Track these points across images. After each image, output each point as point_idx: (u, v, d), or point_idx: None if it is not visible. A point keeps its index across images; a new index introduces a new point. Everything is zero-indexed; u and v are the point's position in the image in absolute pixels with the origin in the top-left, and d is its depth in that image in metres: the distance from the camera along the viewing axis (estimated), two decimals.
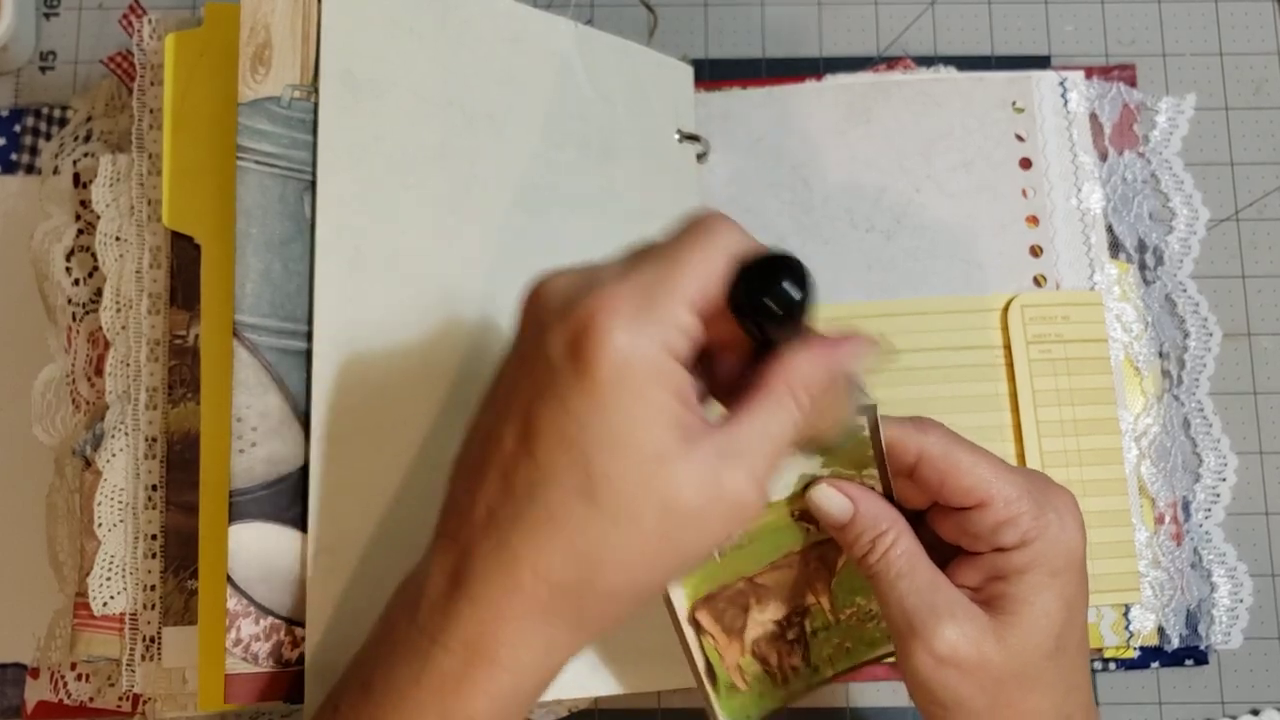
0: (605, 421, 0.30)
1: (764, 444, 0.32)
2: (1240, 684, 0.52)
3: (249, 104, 0.42)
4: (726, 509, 0.31)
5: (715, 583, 0.40)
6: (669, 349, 0.31)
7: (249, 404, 0.40)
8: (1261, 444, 0.54)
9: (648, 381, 0.30)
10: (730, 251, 0.32)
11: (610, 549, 0.31)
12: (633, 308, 0.30)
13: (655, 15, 0.56)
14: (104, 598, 0.43)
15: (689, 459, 0.31)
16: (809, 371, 0.33)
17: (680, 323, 0.31)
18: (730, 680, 0.40)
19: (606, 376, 0.30)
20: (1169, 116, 0.56)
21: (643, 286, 0.31)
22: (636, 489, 0.30)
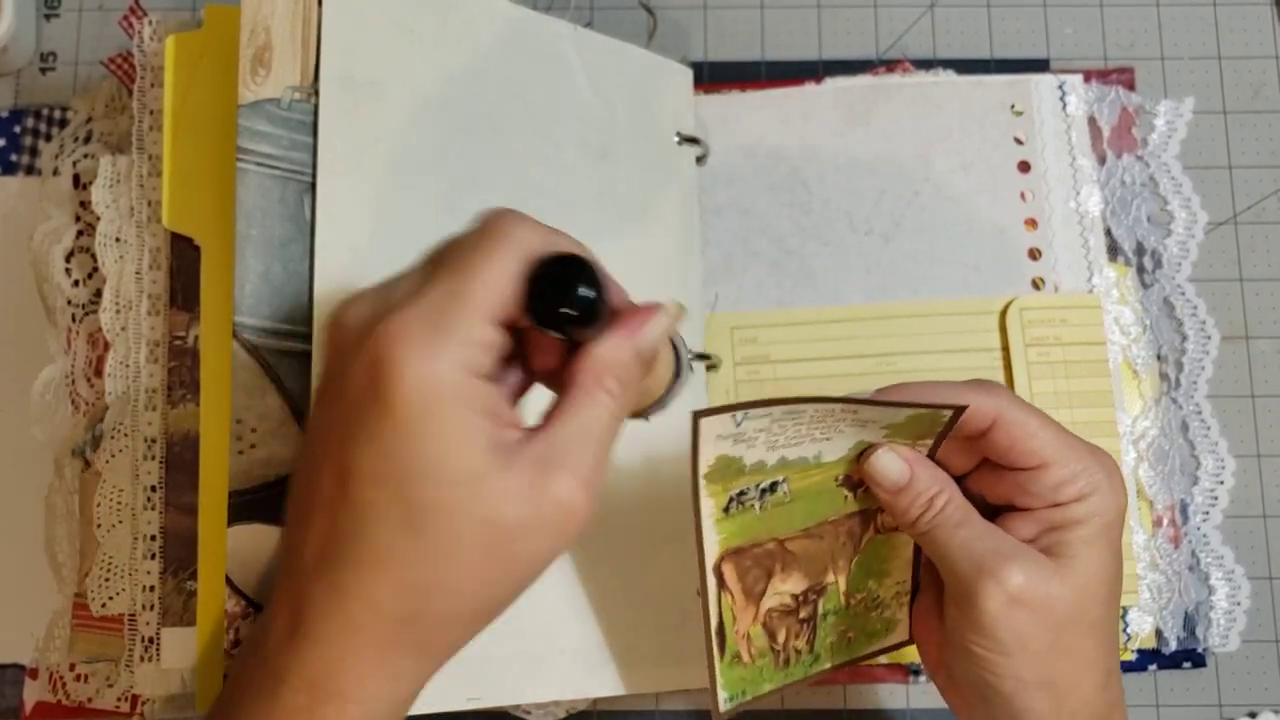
0: (414, 452, 0.30)
1: (584, 443, 0.32)
2: (1238, 686, 0.52)
3: (249, 105, 0.42)
4: (555, 517, 0.31)
5: (749, 537, 0.40)
6: (468, 368, 0.30)
7: (248, 405, 0.40)
8: (1259, 447, 0.54)
9: (450, 405, 0.30)
10: (522, 251, 0.32)
11: (440, 577, 0.31)
12: (425, 332, 0.30)
13: (655, 18, 0.57)
14: (103, 598, 0.43)
15: (506, 474, 0.30)
16: (613, 359, 0.33)
17: (477, 338, 0.31)
18: (737, 649, 0.40)
19: (407, 407, 0.30)
20: (1167, 120, 0.56)
21: (433, 307, 0.31)
22: (456, 514, 0.30)
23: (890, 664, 0.50)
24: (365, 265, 0.42)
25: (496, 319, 0.31)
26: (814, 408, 0.37)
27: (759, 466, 0.38)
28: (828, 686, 0.52)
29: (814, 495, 0.40)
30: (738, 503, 0.39)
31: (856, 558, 0.42)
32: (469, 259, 0.31)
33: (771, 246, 0.54)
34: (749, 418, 0.36)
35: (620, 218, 0.50)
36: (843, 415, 0.38)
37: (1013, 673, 0.37)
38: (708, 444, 0.37)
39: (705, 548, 0.39)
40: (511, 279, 0.31)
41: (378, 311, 0.31)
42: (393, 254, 0.43)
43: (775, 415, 0.37)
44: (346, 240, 0.42)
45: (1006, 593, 0.36)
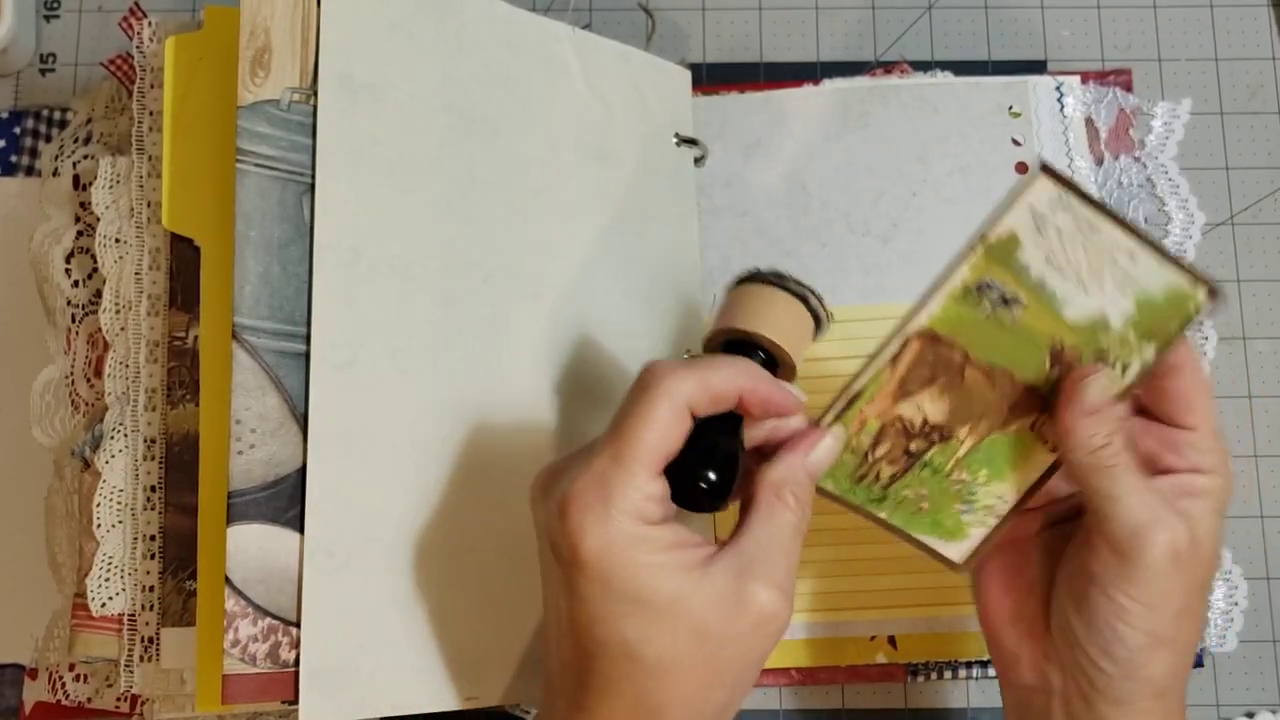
0: (612, 596, 0.34)
1: (772, 551, 0.36)
2: (1235, 686, 0.52)
3: (248, 107, 0.42)
4: (757, 621, 0.35)
5: (952, 332, 0.38)
6: (641, 518, 0.34)
7: (248, 406, 0.40)
8: (1256, 448, 0.54)
9: (633, 553, 0.34)
10: (676, 403, 0.35)
11: (665, 693, 0.34)
12: (597, 500, 0.34)
13: (653, 20, 0.57)
14: (102, 598, 0.43)
15: (704, 588, 0.34)
16: (789, 478, 0.37)
17: (644, 492, 0.35)
18: (849, 424, 0.39)
19: (596, 566, 0.34)
20: (1165, 121, 0.56)
21: (601, 475, 0.35)
22: (667, 635, 0.34)
23: (889, 663, 0.51)
24: (364, 266, 0.42)
25: (659, 471, 0.35)
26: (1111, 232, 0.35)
27: (1022, 272, 0.37)
28: (826, 686, 0.52)
29: (1026, 338, 0.38)
30: (978, 293, 0.37)
31: (995, 435, 0.40)
32: (627, 422, 0.35)
33: (770, 247, 0.54)
34: (1068, 208, 0.35)
35: (619, 219, 0.50)
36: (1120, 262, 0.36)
37: (1149, 627, 0.37)
38: (1020, 209, 0.35)
39: (917, 313, 0.38)
40: (667, 433, 0.35)
41: (556, 475, 0.37)
42: (391, 255, 0.43)
43: (1082, 222, 0.35)
44: (345, 241, 0.42)
45: (1174, 548, 0.36)
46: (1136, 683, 0.38)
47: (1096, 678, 0.38)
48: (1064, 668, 0.39)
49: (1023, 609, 0.41)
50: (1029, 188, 0.36)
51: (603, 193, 0.50)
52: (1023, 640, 0.41)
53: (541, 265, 0.47)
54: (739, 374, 0.37)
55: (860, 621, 0.51)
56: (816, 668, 0.51)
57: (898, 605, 0.50)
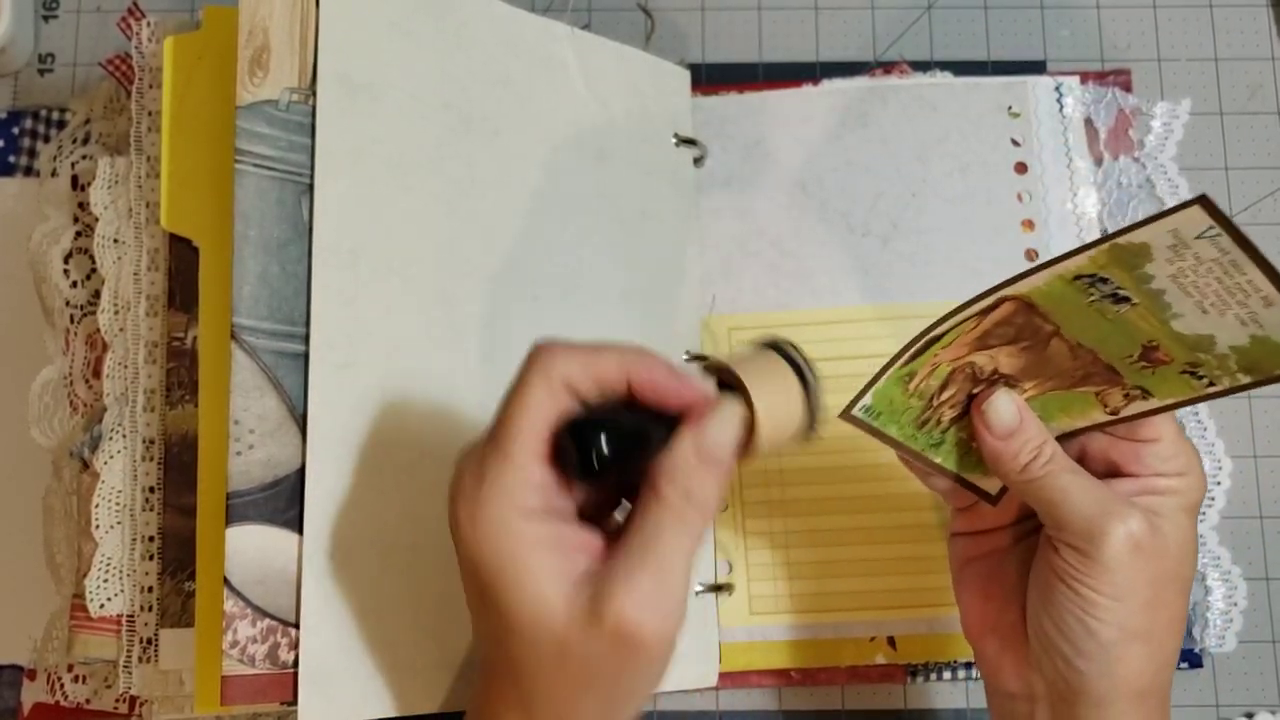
0: (484, 590, 0.33)
1: (649, 561, 0.32)
2: (1234, 687, 0.52)
3: (247, 107, 0.42)
4: (619, 644, 0.32)
5: (1056, 308, 0.37)
6: (517, 508, 0.33)
7: (246, 406, 0.40)
8: (1256, 448, 0.54)
9: (506, 546, 0.32)
10: (556, 383, 0.33)
11: (538, 694, 0.33)
12: (471, 484, 0.33)
13: (652, 20, 0.57)
14: (101, 599, 0.43)
15: (567, 602, 0.32)
16: (672, 465, 0.33)
17: (519, 476, 0.33)
18: (915, 371, 0.38)
19: (470, 555, 0.33)
20: (1164, 121, 0.56)
21: (478, 459, 0.33)
22: (526, 640, 0.33)
23: (888, 664, 0.51)
24: (363, 266, 0.42)
25: (541, 456, 0.33)
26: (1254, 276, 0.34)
27: (1144, 279, 0.36)
28: (826, 687, 0.52)
29: (1124, 330, 0.37)
30: (1088, 282, 0.36)
31: (1058, 390, 0.40)
32: (507, 406, 0.34)
33: (769, 248, 0.54)
34: (1216, 242, 0.34)
35: (618, 219, 0.50)
36: (1251, 303, 0.35)
37: (1118, 620, 0.37)
38: (1161, 228, 0.34)
39: (1021, 280, 0.37)
40: (542, 414, 0.33)
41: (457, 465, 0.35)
42: (390, 255, 0.43)
43: (1226, 258, 0.34)
44: (344, 241, 0.42)
45: (1131, 536, 0.37)
46: (1114, 680, 0.38)
47: (1073, 678, 0.38)
48: (1044, 673, 0.39)
49: (1001, 618, 0.41)
50: (1178, 213, 0.34)
51: (602, 193, 0.50)
52: (1004, 649, 0.41)
53: (540, 265, 0.47)
54: (628, 356, 0.34)
55: (859, 622, 0.51)
56: (816, 668, 0.51)
57: (897, 606, 0.50)
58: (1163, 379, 0.38)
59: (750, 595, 0.51)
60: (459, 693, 0.42)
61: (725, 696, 0.52)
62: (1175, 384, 0.38)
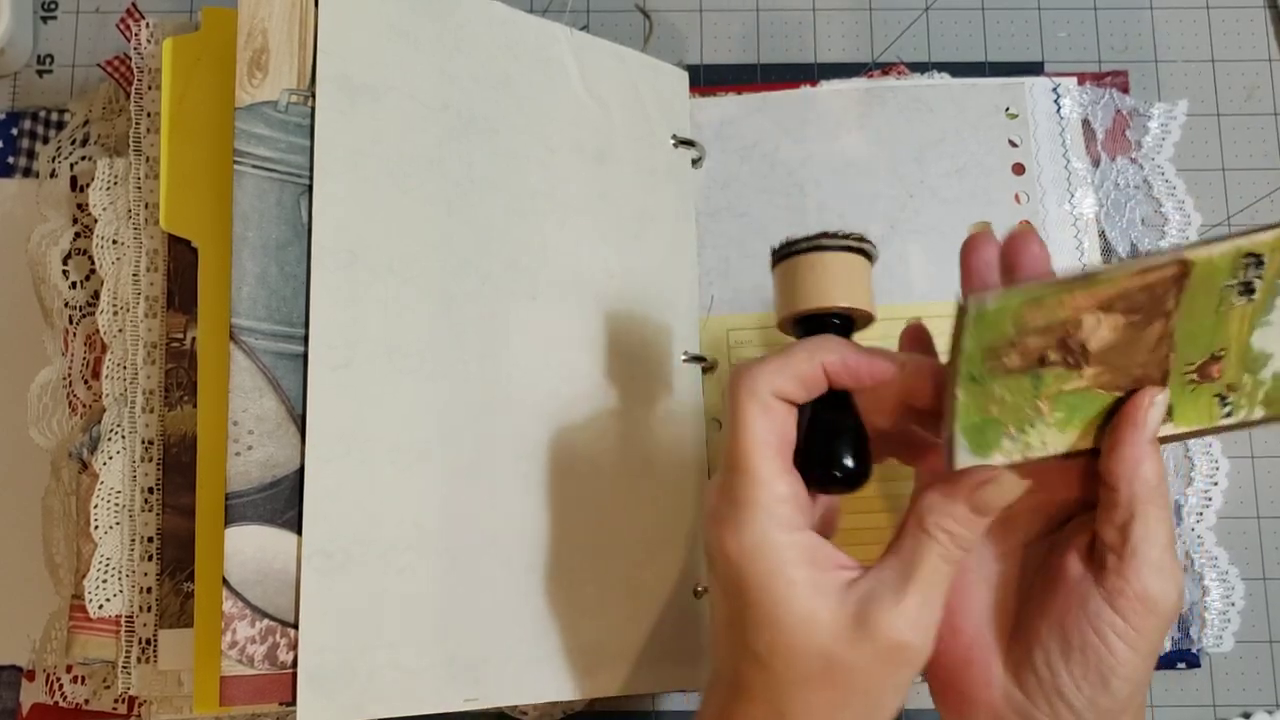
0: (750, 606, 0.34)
1: (911, 584, 0.34)
2: (1232, 687, 0.52)
3: (246, 108, 0.42)
4: (884, 653, 0.34)
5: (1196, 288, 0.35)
6: (776, 522, 0.35)
7: (245, 407, 0.40)
8: (1253, 448, 0.54)
9: (769, 562, 0.34)
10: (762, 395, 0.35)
11: (794, 707, 0.35)
12: (727, 508, 0.35)
13: (651, 21, 0.57)
14: (100, 600, 0.43)
15: (834, 613, 0.34)
16: (936, 511, 0.35)
17: (770, 492, 0.35)
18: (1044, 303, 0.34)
19: (736, 571, 0.35)
20: (1161, 122, 0.56)
21: (725, 487, 0.35)
22: (794, 653, 0.34)
23: None
24: (362, 267, 0.42)
25: (782, 471, 0.35)
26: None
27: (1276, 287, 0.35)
28: None
29: (1213, 329, 0.36)
30: (1244, 262, 0.34)
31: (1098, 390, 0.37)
32: (732, 434, 0.36)
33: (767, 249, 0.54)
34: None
35: (616, 220, 0.50)
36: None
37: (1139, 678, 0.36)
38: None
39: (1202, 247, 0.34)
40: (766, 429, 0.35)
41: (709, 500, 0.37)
42: (389, 256, 0.43)
43: None
44: (343, 243, 0.42)
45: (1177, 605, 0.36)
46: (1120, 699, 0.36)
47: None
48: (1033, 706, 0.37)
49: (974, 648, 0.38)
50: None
51: (600, 194, 0.50)
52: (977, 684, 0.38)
53: (539, 266, 0.47)
54: (817, 351, 0.36)
55: None
56: None
57: None
58: (1194, 400, 0.37)
59: None
60: (459, 692, 0.42)
61: None
62: (1201, 408, 0.37)
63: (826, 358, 0.36)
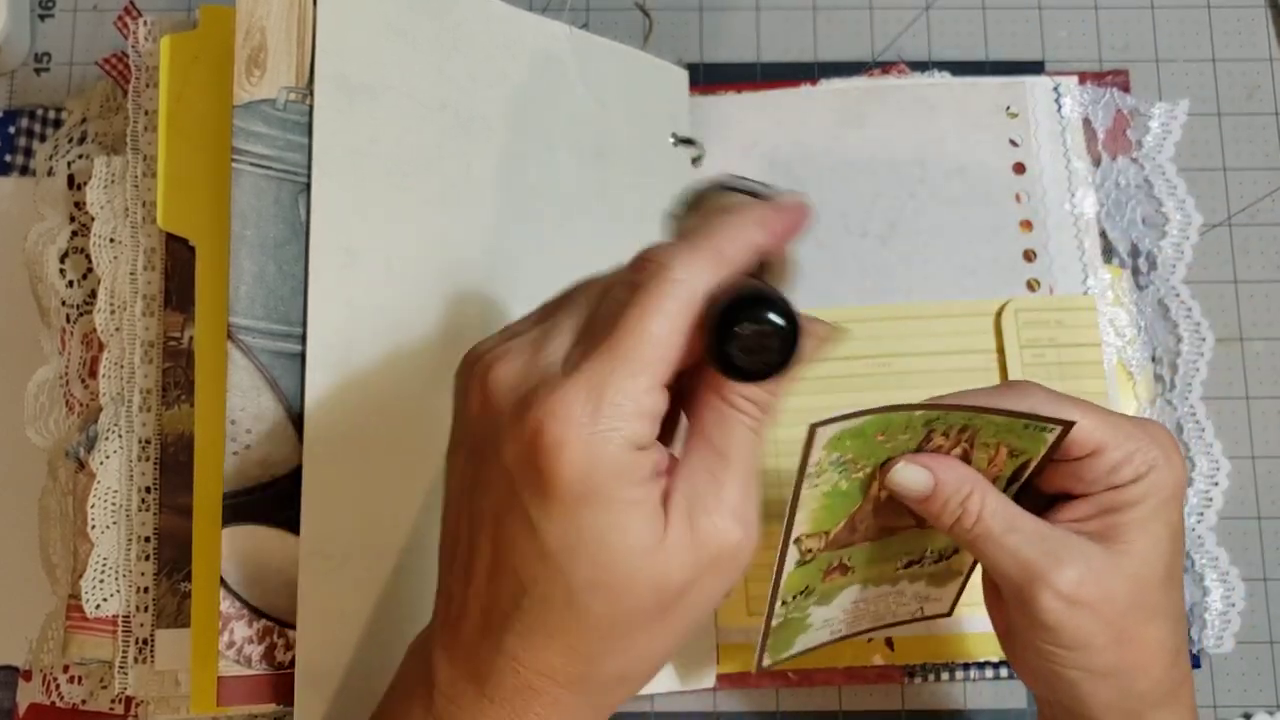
0: (577, 535, 0.29)
1: (725, 473, 0.30)
2: (1232, 688, 0.52)
3: (244, 106, 0.42)
4: (716, 560, 0.30)
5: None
6: (632, 442, 0.29)
7: (243, 406, 0.40)
8: (1254, 448, 0.54)
9: (614, 485, 0.29)
10: (689, 297, 0.29)
11: (607, 644, 0.30)
12: (588, 413, 0.28)
13: (650, 19, 0.57)
14: (97, 600, 0.43)
15: (667, 536, 0.30)
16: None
17: (645, 409, 0.29)
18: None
19: (568, 490, 0.28)
20: (1162, 122, 0.56)
21: (596, 383, 0.29)
22: (624, 587, 0.29)
23: (886, 665, 0.50)
24: (360, 266, 0.42)
25: (663, 383, 0.30)
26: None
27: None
28: (823, 688, 0.52)
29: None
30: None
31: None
32: (629, 318, 0.29)
33: None
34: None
35: (615, 219, 0.50)
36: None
37: (1078, 665, 0.36)
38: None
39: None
40: (678, 332, 0.29)
41: (531, 377, 0.30)
42: (388, 255, 0.43)
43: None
44: (341, 241, 0.42)
45: (1062, 595, 0.35)
46: (1092, 710, 0.37)
47: (1056, 703, 0.38)
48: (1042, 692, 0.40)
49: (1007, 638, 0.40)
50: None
51: (600, 193, 0.50)
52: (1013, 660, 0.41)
53: (538, 265, 0.47)
54: (749, 227, 0.31)
55: None
56: (813, 669, 0.51)
57: None
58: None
59: (748, 596, 0.50)
60: None
61: (723, 697, 0.52)
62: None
63: (759, 237, 0.31)
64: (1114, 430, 0.37)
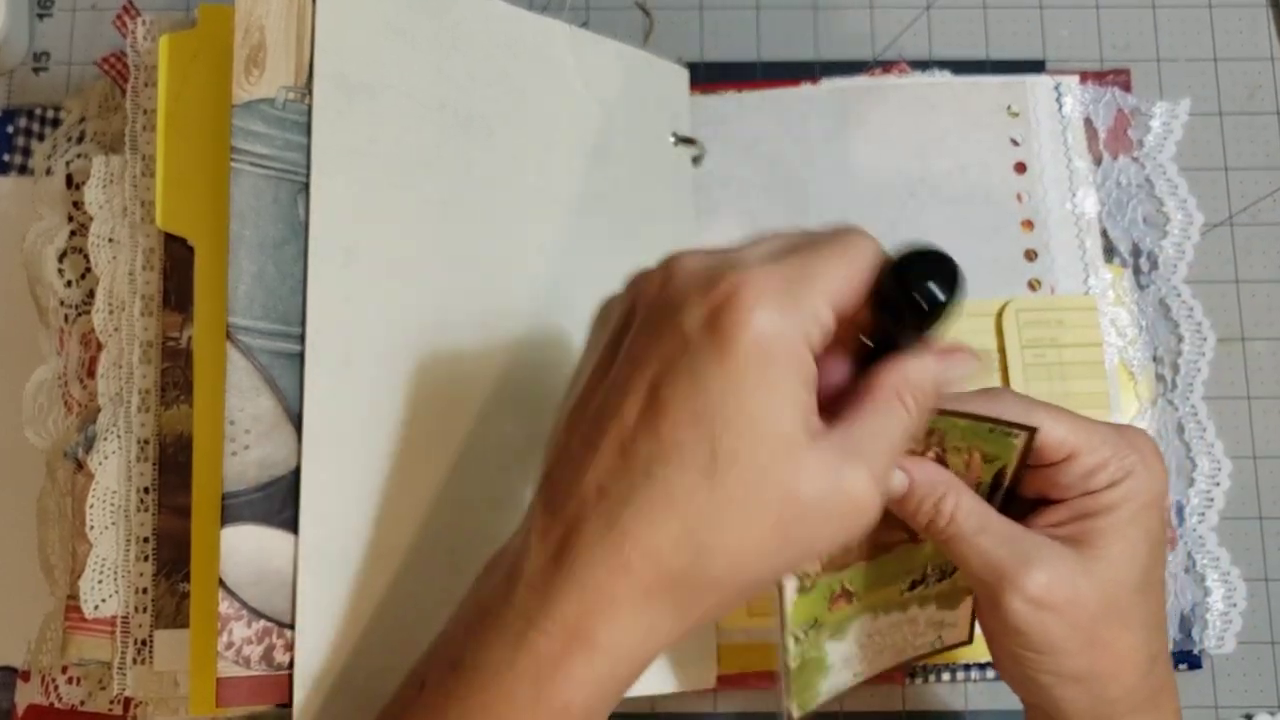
0: (738, 400, 0.29)
1: (880, 445, 0.32)
2: (1234, 688, 0.52)
3: (243, 105, 0.42)
4: (846, 507, 0.31)
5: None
6: (807, 339, 0.30)
7: (242, 406, 0.40)
8: (1255, 448, 0.54)
9: (785, 367, 0.30)
10: (868, 263, 0.32)
11: (725, 535, 0.30)
12: (778, 291, 0.30)
13: (651, 18, 0.57)
14: (95, 600, 0.43)
15: (814, 451, 0.30)
16: (920, 379, 0.33)
17: (820, 316, 0.30)
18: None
19: (746, 354, 0.29)
20: (1163, 121, 0.56)
21: (788, 275, 0.30)
22: (761, 474, 0.30)
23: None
24: (359, 266, 0.42)
25: (838, 308, 0.31)
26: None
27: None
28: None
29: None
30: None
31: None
32: (823, 249, 0.31)
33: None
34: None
35: (616, 218, 0.50)
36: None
37: (1048, 669, 0.37)
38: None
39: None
40: (858, 279, 0.31)
41: (722, 265, 0.31)
42: (387, 255, 0.43)
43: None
44: (341, 241, 0.42)
45: (1029, 598, 0.36)
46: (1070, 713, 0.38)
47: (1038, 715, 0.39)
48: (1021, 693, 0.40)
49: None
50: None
51: (600, 192, 0.50)
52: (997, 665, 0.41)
53: (537, 265, 0.47)
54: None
55: None
56: None
57: None
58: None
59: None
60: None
61: (723, 698, 0.52)
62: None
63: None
64: (1088, 435, 0.37)
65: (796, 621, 0.39)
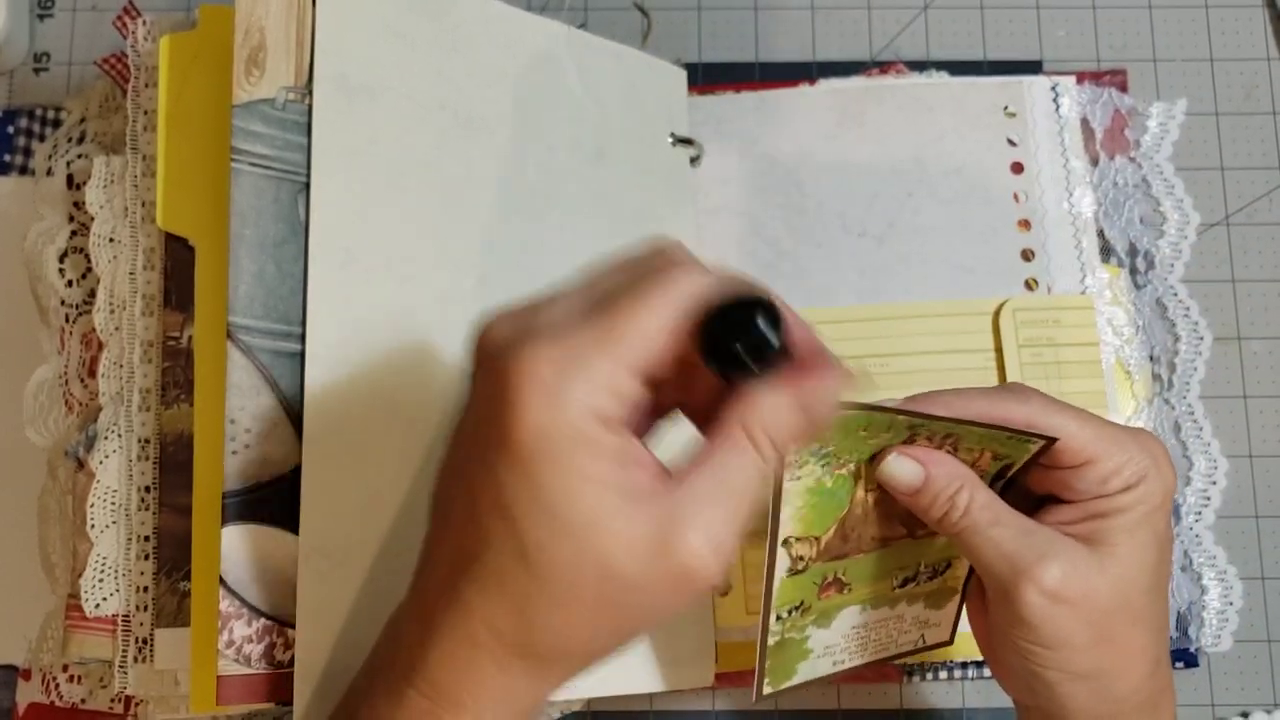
0: (531, 493, 0.29)
1: (720, 498, 0.30)
2: (1230, 686, 0.52)
3: (243, 106, 0.42)
4: (674, 577, 0.30)
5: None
6: (597, 416, 0.29)
7: (242, 406, 0.40)
8: (1251, 447, 0.54)
9: (571, 452, 0.29)
10: (685, 301, 0.30)
11: (549, 616, 0.30)
12: (555, 374, 0.29)
13: (649, 19, 0.57)
14: (96, 599, 0.43)
15: (632, 524, 0.29)
16: (773, 416, 0.31)
17: (615, 386, 0.29)
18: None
19: (527, 449, 0.29)
20: (1160, 121, 0.56)
21: (573, 349, 0.29)
22: (575, 555, 0.29)
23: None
24: (359, 266, 0.42)
25: (641, 372, 0.30)
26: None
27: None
28: (821, 687, 0.52)
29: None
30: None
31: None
32: (626, 304, 0.30)
33: (765, 248, 0.54)
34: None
35: (614, 219, 0.50)
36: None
37: (1057, 665, 0.37)
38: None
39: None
40: (667, 329, 0.30)
41: (518, 334, 0.30)
42: (386, 255, 0.43)
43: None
44: (340, 241, 0.42)
45: (1045, 591, 0.36)
46: (1068, 712, 0.38)
47: (1035, 715, 0.39)
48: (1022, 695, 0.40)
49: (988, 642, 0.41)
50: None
51: (598, 192, 0.50)
52: (994, 665, 0.41)
53: (537, 265, 0.47)
54: (760, 287, 0.31)
55: None
56: None
57: None
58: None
59: (747, 595, 0.51)
60: None
61: (722, 697, 0.52)
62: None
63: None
64: (1108, 443, 0.37)
65: (782, 601, 0.39)
